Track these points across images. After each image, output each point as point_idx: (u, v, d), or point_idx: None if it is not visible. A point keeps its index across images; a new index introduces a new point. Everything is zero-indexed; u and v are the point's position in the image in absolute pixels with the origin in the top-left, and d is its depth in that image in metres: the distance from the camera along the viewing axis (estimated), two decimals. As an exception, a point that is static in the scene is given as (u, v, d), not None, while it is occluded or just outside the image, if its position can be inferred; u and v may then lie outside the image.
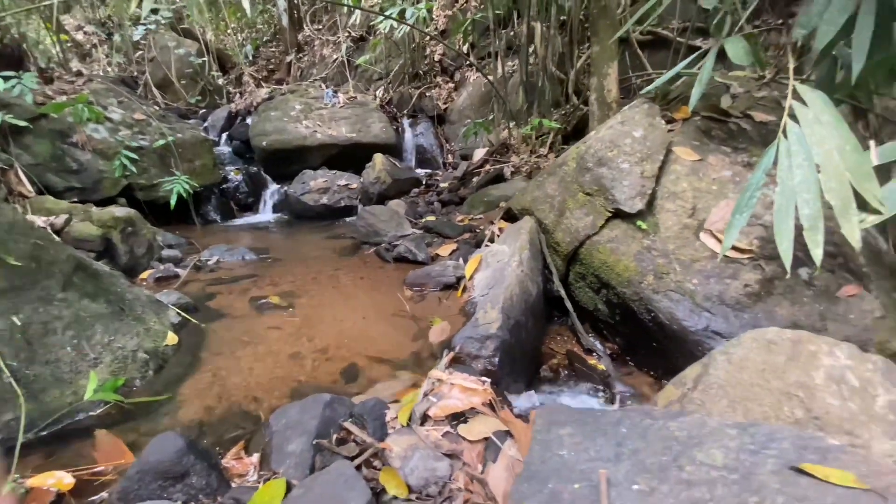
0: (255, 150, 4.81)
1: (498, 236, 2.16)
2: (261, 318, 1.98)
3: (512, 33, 4.84)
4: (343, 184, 4.17)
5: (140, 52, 7.04)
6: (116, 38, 7.44)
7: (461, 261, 2.13)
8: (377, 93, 6.13)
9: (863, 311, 1.49)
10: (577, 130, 3.79)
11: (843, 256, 1.61)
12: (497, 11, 4.52)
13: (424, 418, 0.99)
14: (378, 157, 4.19)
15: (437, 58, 6.34)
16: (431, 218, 3.23)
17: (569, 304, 1.92)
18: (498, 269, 1.79)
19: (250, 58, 8.15)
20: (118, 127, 3.88)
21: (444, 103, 5.94)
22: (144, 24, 6.78)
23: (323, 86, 5.88)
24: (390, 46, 6.34)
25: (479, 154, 4.07)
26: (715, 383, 0.93)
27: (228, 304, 2.15)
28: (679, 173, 1.81)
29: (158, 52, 6.80)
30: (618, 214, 1.80)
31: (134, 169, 3.65)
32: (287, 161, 4.69)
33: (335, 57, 7.09)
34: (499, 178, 3.48)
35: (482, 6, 5.43)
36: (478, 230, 2.60)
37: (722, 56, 1.84)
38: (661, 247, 1.70)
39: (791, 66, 1.53)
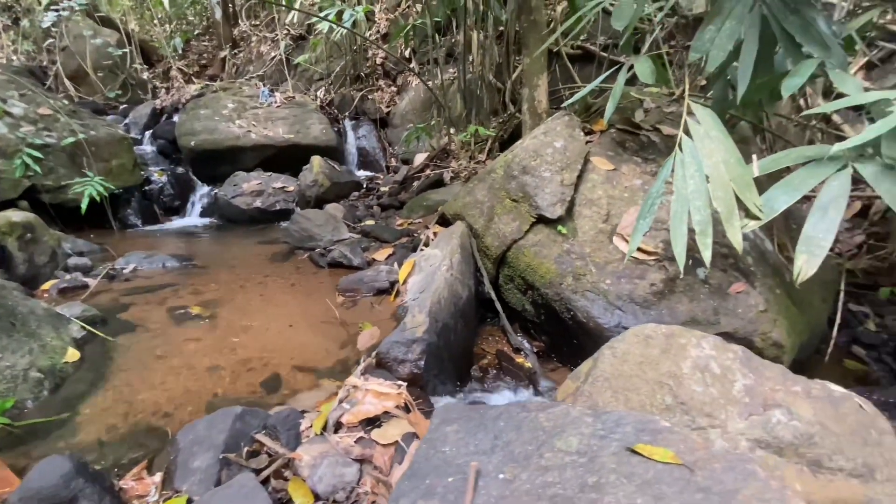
0: (183, 149, 4.53)
1: (432, 240, 2.19)
2: (179, 330, 1.87)
3: (452, 41, 4.93)
4: (278, 186, 4.03)
5: (51, 41, 6.40)
6: (24, 23, 6.71)
7: (396, 265, 2.13)
8: (318, 93, 5.99)
9: (749, 305, 1.67)
10: (513, 137, 3.93)
11: (733, 257, 1.79)
12: (436, 19, 4.58)
13: (338, 426, 0.98)
14: (316, 160, 4.09)
15: (379, 61, 6.31)
16: (370, 222, 3.21)
17: (499, 306, 1.98)
18: (430, 274, 1.82)
19: (179, 51, 7.66)
20: (19, 122, 3.51)
21: (387, 107, 5.93)
22: (56, 10, 6.16)
23: (259, 84, 5.66)
24: (331, 47, 6.23)
25: (419, 159, 4.10)
26: (601, 376, 1.01)
27: (144, 315, 2.01)
28: (595, 181, 1.93)
29: (72, 41, 6.23)
30: (541, 220, 1.90)
31: (38, 169, 3.31)
32: (218, 162, 4.46)
33: (273, 55, 6.84)
34: (439, 183, 3.53)
35: (423, 12, 5.49)
36: (415, 234, 2.62)
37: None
38: (578, 250, 1.81)
39: (687, 85, 1.69)
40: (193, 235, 3.71)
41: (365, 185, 4.23)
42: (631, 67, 1.92)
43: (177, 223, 4.08)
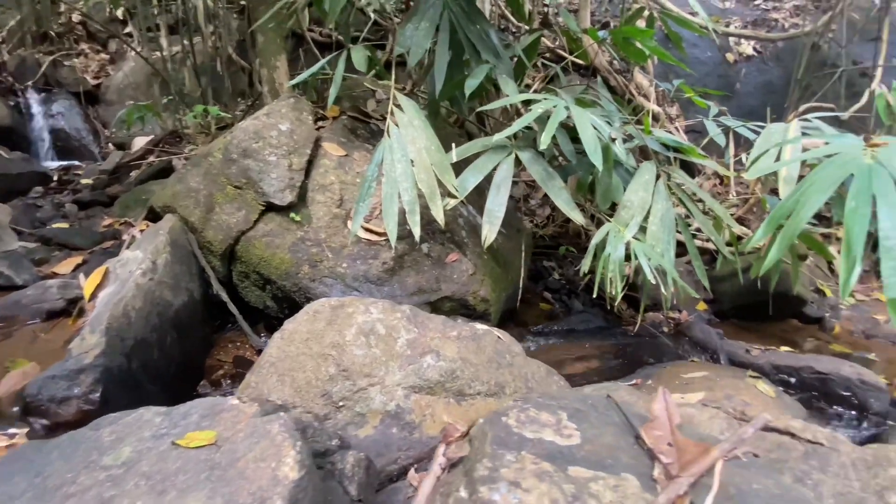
0: None
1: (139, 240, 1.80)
2: None
3: (182, 7, 4.19)
4: None
5: None
6: None
7: (83, 277, 1.67)
8: (-30, 51, 4.24)
9: (462, 271, 1.96)
10: (262, 123, 3.63)
11: (450, 232, 2.07)
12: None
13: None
14: (-37, 143, 2.88)
15: (77, 19, 4.87)
16: (63, 225, 2.46)
17: (232, 307, 1.79)
18: (124, 282, 1.48)
19: None
20: None
21: (96, 78, 4.66)
22: None
23: None
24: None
25: (139, 143, 3.37)
26: (267, 362, 1.02)
27: None
28: (328, 167, 1.92)
29: None
30: (271, 207, 1.78)
31: None
32: None
33: None
34: (166, 172, 2.96)
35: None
36: (125, 236, 2.12)
37: (392, 64, 2.04)
38: (314, 236, 1.78)
39: (393, 77, 1.83)
40: None
41: (57, 178, 3.22)
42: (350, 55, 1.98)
43: None
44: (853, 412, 1.87)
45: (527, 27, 3.16)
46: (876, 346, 2.50)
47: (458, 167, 1.82)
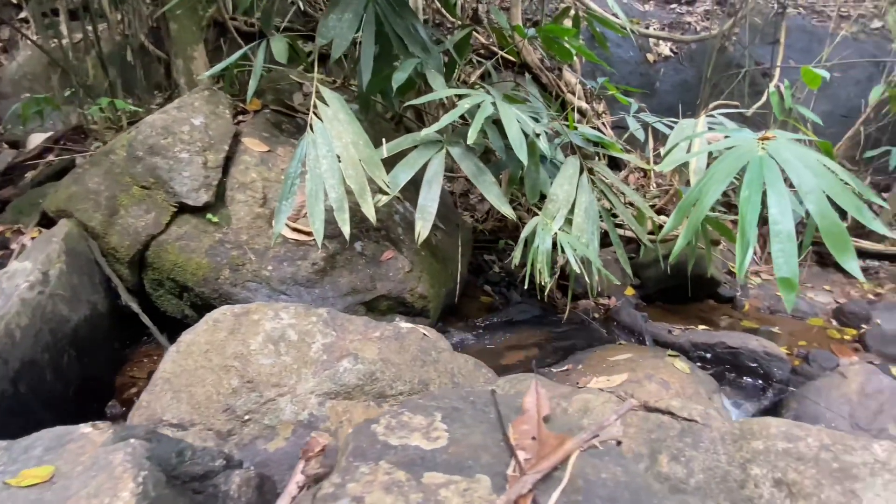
0: None
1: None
2: None
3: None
4: None
5: None
6: None
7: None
8: None
9: (398, 268, 1.93)
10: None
11: (385, 229, 2.03)
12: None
13: None
14: None
15: (-46, -3, 4.26)
16: (-63, 235, 2.13)
17: (145, 319, 1.64)
18: (9, 297, 1.31)
19: None
20: None
21: (-18, 67, 4.11)
22: None
23: None
24: None
25: (36, 140, 3.01)
26: (161, 378, 0.95)
27: None
28: (249, 164, 1.82)
29: None
30: (185, 209, 1.65)
31: None
32: None
33: None
34: (68, 172, 2.66)
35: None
36: (14, 245, 1.88)
37: (321, 57, 1.94)
38: (234, 238, 1.67)
39: (316, 69, 1.76)
40: None
41: (-69, 181, 2.80)
42: (269, 45, 1.88)
43: None
44: (760, 381, 2.06)
45: (458, 23, 3.17)
46: (780, 320, 2.77)
47: (393, 164, 1.78)
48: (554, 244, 1.72)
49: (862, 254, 3.41)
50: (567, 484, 0.47)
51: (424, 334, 1.13)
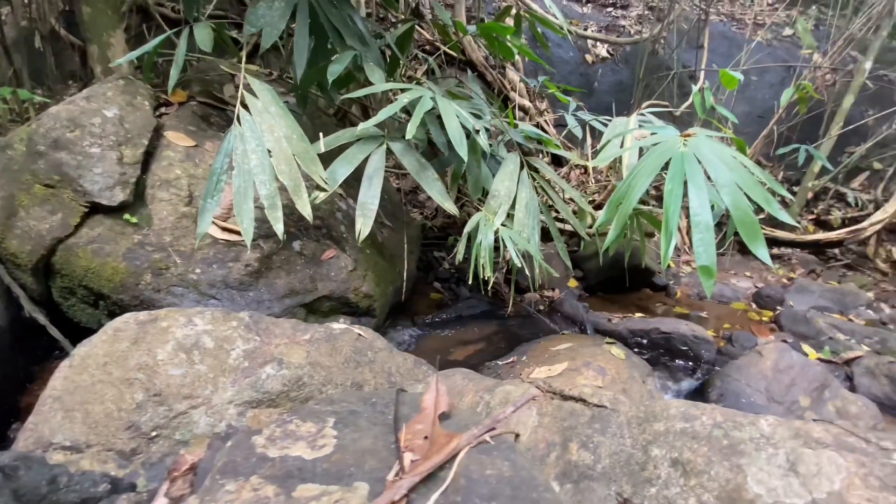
0: None
1: None
2: None
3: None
4: None
5: None
6: None
7: None
8: None
9: (340, 267, 1.87)
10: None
11: (326, 227, 1.97)
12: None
13: None
14: None
15: None
16: None
17: (54, 331, 1.48)
18: None
19: None
20: None
21: None
22: None
23: None
24: None
25: (-80, 135, 2.64)
26: (50, 397, 0.86)
27: None
28: (172, 159, 1.69)
29: None
30: (98, 209, 1.51)
31: None
32: None
33: None
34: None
35: None
36: None
37: (252, 47, 1.81)
38: (156, 240, 1.55)
39: (244, 58, 1.66)
40: None
41: None
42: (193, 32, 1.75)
43: None
44: (690, 363, 2.20)
45: (402, 17, 3.13)
46: (707, 305, 2.98)
47: (334, 159, 1.72)
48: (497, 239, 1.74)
49: (778, 242, 3.74)
50: (449, 484, 0.46)
51: (360, 335, 1.10)
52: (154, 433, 0.79)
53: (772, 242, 3.65)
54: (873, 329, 2.56)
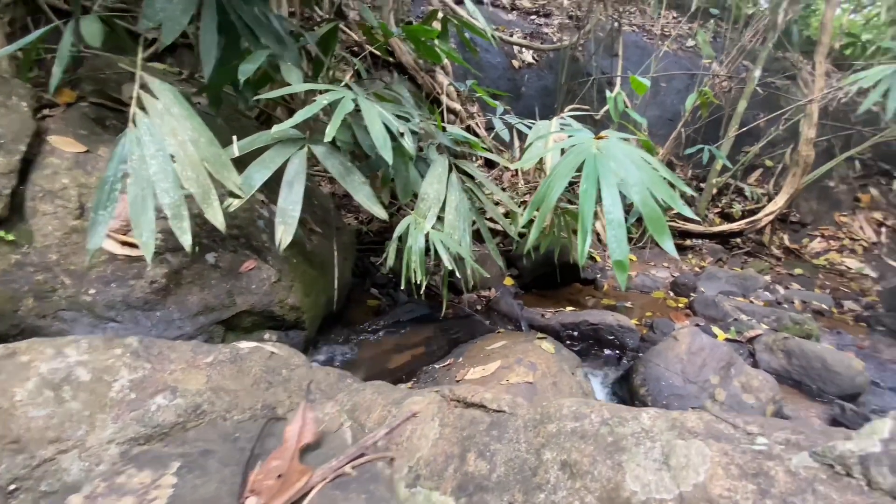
0: None
1: None
2: None
3: None
4: None
5: None
6: None
7: None
8: None
9: (262, 279, 1.77)
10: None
11: (245, 237, 1.84)
12: None
13: None
14: None
15: None
16: None
17: None
18: None
19: None
20: None
21: None
22: None
23: None
24: None
25: None
26: None
27: None
28: (58, 168, 1.50)
29: None
30: (-40, 226, 1.30)
31: None
32: None
33: None
34: None
35: None
36: None
37: (172, 48, 1.64)
38: (39, 259, 1.36)
39: (140, 55, 1.52)
40: None
41: None
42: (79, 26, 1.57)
43: None
44: (617, 352, 2.32)
45: (326, 17, 3.03)
46: (632, 296, 3.17)
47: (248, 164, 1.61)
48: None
49: (690, 234, 4.08)
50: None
51: (273, 352, 1.02)
52: (12, 486, 0.67)
53: (685, 235, 3.97)
54: (770, 309, 2.86)
